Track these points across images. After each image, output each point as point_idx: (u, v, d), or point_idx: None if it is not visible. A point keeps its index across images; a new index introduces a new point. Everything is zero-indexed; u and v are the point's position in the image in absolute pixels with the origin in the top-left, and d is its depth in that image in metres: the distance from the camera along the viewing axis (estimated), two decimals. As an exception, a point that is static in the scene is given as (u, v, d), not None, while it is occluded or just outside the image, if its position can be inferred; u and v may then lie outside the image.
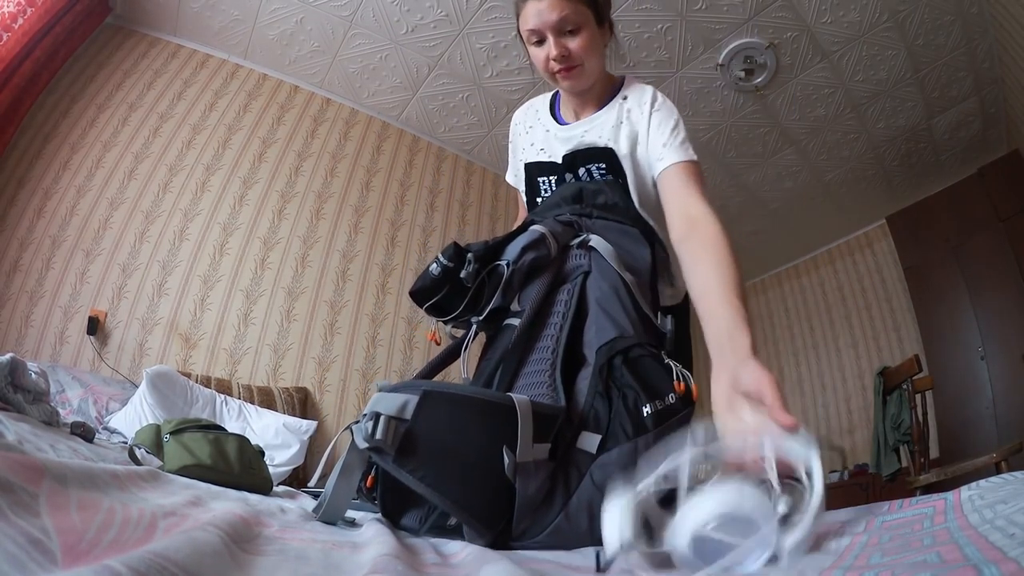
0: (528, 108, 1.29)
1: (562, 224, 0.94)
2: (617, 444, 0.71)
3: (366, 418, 0.64)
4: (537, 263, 0.88)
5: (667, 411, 0.74)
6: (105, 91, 2.73)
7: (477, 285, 0.86)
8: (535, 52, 1.05)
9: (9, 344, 2.17)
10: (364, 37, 2.92)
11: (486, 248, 0.89)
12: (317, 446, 2.45)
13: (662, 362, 0.80)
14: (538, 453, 0.68)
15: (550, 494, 0.69)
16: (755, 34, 2.75)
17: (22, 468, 0.36)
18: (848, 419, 3.85)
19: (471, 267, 0.84)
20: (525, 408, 0.67)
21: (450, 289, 0.87)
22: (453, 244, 0.86)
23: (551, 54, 1.01)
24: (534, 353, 0.83)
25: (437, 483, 0.63)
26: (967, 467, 1.95)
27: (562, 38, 1.01)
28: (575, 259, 0.91)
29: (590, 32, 1.02)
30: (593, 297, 0.86)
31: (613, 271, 0.88)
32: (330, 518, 0.70)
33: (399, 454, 0.62)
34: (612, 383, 0.76)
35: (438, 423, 0.65)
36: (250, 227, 2.81)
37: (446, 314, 0.89)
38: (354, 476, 0.70)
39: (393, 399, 0.65)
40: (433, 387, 0.67)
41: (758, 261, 4.67)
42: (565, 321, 0.84)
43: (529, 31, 1.03)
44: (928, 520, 0.46)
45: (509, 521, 0.66)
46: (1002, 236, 2.97)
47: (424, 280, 0.87)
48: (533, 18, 1.00)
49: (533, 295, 0.86)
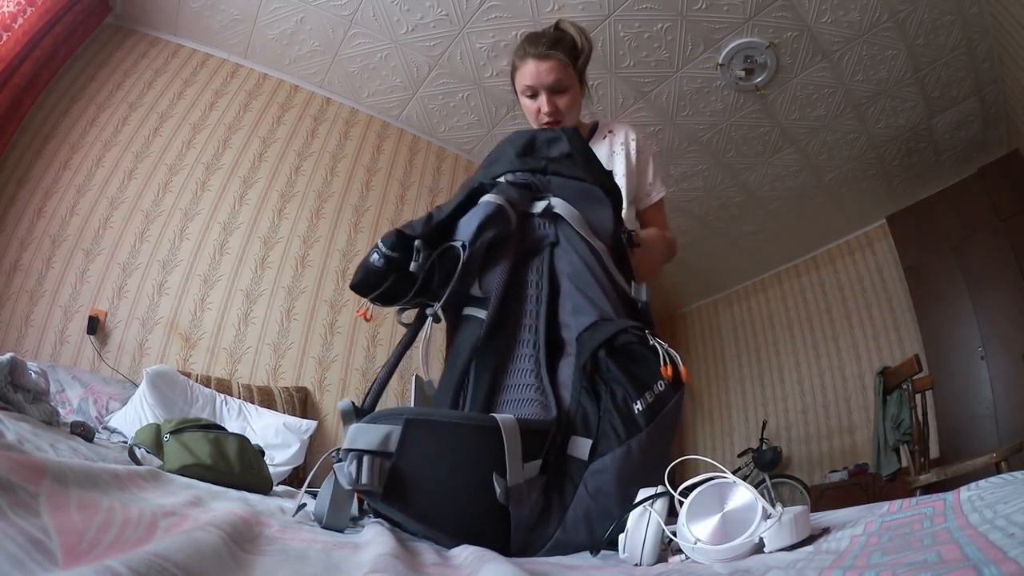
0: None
1: (517, 187, 0.86)
2: (609, 447, 0.69)
3: (349, 458, 0.60)
4: (497, 240, 0.79)
5: (657, 402, 0.71)
6: (105, 91, 2.73)
7: (428, 268, 0.78)
8: (527, 103, 1.25)
9: (9, 344, 2.17)
10: (364, 37, 2.92)
11: (432, 229, 0.79)
12: (317, 446, 2.45)
13: (648, 345, 0.75)
14: (529, 472, 0.65)
15: (545, 511, 0.67)
16: (755, 34, 2.74)
17: (22, 468, 0.36)
18: (848, 419, 3.85)
19: (419, 256, 0.76)
20: (511, 430, 0.64)
21: (396, 276, 0.78)
22: (395, 232, 0.77)
23: (544, 109, 1.21)
24: (514, 349, 0.78)
25: (428, 518, 0.61)
26: (967, 467, 1.95)
27: (553, 96, 1.21)
28: (539, 229, 0.84)
29: (574, 92, 1.23)
30: (564, 272, 0.81)
31: (582, 240, 0.82)
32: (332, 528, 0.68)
33: (387, 492, 0.59)
34: (598, 377, 0.72)
35: (424, 454, 0.62)
36: (250, 226, 2.81)
37: (394, 302, 0.80)
38: (345, 508, 0.66)
39: (374, 432, 0.61)
40: (415, 415, 0.63)
41: (758, 261, 4.67)
42: (539, 306, 0.79)
43: (526, 86, 1.22)
44: (928, 520, 0.46)
45: (507, 541, 0.64)
46: (1002, 236, 2.97)
47: (365, 272, 0.78)
48: (532, 77, 1.20)
49: (497, 279, 0.79)
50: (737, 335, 4.88)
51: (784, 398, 4.33)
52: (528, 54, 1.20)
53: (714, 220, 4.16)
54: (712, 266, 4.74)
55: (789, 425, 4.22)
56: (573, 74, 1.22)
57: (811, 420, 4.08)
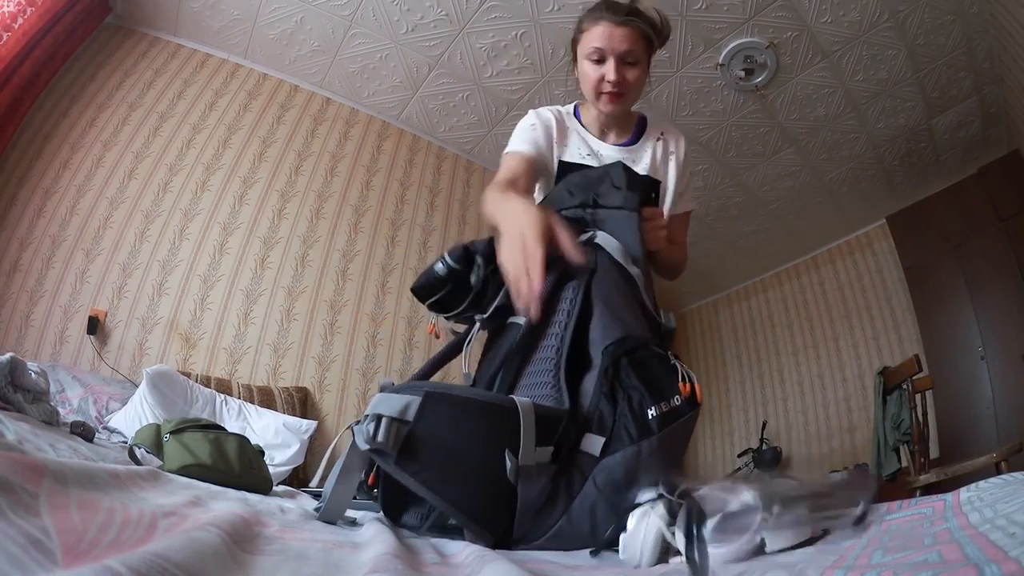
0: (555, 111, 1.25)
1: (568, 220, 0.94)
2: (621, 447, 0.71)
3: (368, 419, 0.64)
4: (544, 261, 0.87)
5: (672, 413, 0.74)
6: (105, 91, 2.73)
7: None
8: (590, 69, 1.11)
9: (9, 344, 2.17)
10: (364, 37, 2.92)
11: (492, 248, 0.88)
12: (317, 446, 2.45)
13: (668, 362, 0.79)
14: (540, 456, 0.67)
15: (552, 498, 0.69)
16: (755, 34, 2.74)
17: (22, 468, 0.36)
18: (848, 419, 3.85)
19: (480, 272, 0.85)
20: (528, 411, 0.67)
21: (453, 287, 0.87)
22: (462, 247, 0.87)
23: (609, 77, 1.08)
24: (538, 352, 0.83)
25: (438, 486, 0.63)
26: (967, 467, 1.95)
27: (623, 67, 1.09)
28: None
29: (644, 69, 1.12)
30: (599, 296, 0.86)
31: (619, 268, 0.88)
32: (330, 518, 0.70)
33: (401, 456, 0.63)
34: (618, 384, 0.76)
35: (440, 425, 0.65)
36: (250, 226, 2.81)
37: (448, 310, 0.89)
38: (354, 477, 0.70)
39: (395, 400, 0.65)
40: (435, 388, 0.66)
41: (758, 261, 4.67)
42: (570, 320, 0.83)
43: (594, 48, 1.09)
44: (928, 520, 0.46)
45: (511, 523, 0.66)
46: (1002, 236, 2.97)
47: (428, 278, 0.88)
48: (603, 39, 1.08)
49: None
50: (737, 335, 4.88)
51: (784, 398, 4.33)
52: (603, 18, 1.09)
53: (714, 220, 4.16)
54: (712, 266, 4.74)
55: (789, 425, 4.21)
56: (646, 52, 1.12)
57: (811, 420, 4.08)
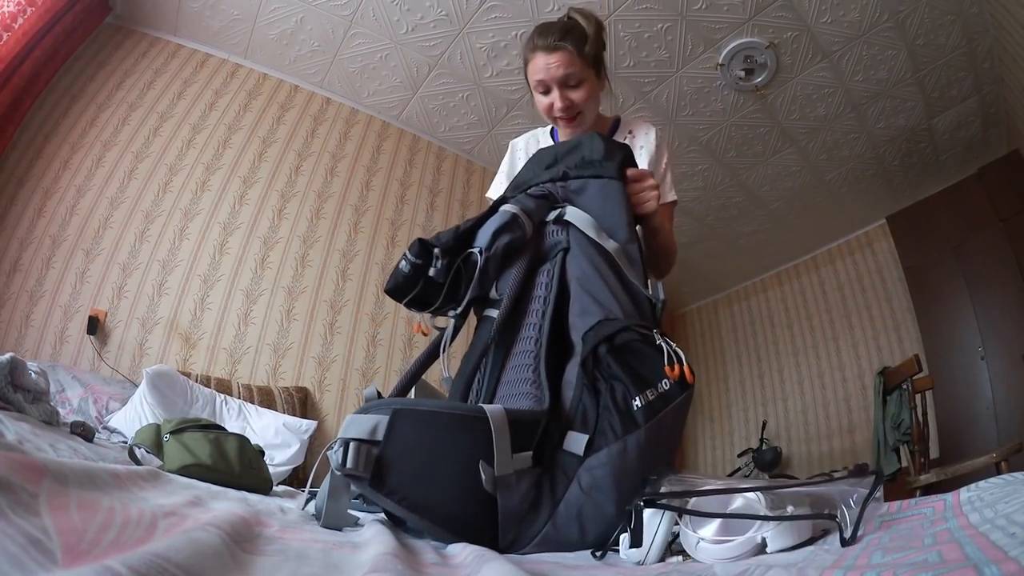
0: (530, 137, 1.35)
1: (535, 199, 0.90)
2: (606, 443, 0.68)
3: (338, 443, 0.63)
4: (512, 246, 0.85)
5: (660, 400, 0.71)
6: (105, 91, 2.73)
7: (454, 275, 0.83)
8: (540, 99, 1.16)
9: (9, 344, 2.17)
10: (364, 37, 2.92)
11: (455, 238, 0.85)
12: (317, 446, 2.45)
13: (653, 343, 0.74)
14: (519, 463, 0.65)
15: (535, 504, 0.67)
16: (755, 34, 2.74)
17: (22, 468, 0.36)
18: (848, 419, 3.85)
19: (439, 263, 0.82)
20: (500, 420, 0.64)
21: (426, 282, 0.84)
22: (418, 241, 0.83)
23: (556, 105, 1.13)
24: (517, 345, 0.80)
25: (414, 504, 0.62)
26: (967, 467, 1.94)
27: (566, 91, 1.12)
28: (552, 236, 0.88)
29: (590, 85, 1.14)
30: (574, 276, 0.83)
31: (592, 244, 0.84)
32: (331, 526, 0.69)
33: (374, 478, 0.61)
34: (599, 375, 0.72)
35: (411, 443, 0.63)
36: (250, 226, 2.81)
37: (428, 306, 0.86)
38: (342, 496, 0.68)
39: (363, 421, 0.63)
40: (403, 405, 0.65)
41: (758, 261, 4.67)
42: (547, 307, 0.81)
43: (537, 81, 1.13)
44: (928, 520, 0.46)
45: (496, 532, 0.64)
46: (1002, 236, 2.97)
47: (396, 278, 0.84)
48: (542, 71, 1.12)
49: (511, 282, 0.83)
50: (737, 335, 4.88)
51: (784, 398, 4.33)
52: (537, 47, 1.12)
53: (714, 220, 4.16)
54: (712, 266, 4.73)
55: (789, 425, 4.21)
56: (588, 68, 1.13)
57: (811, 420, 4.08)
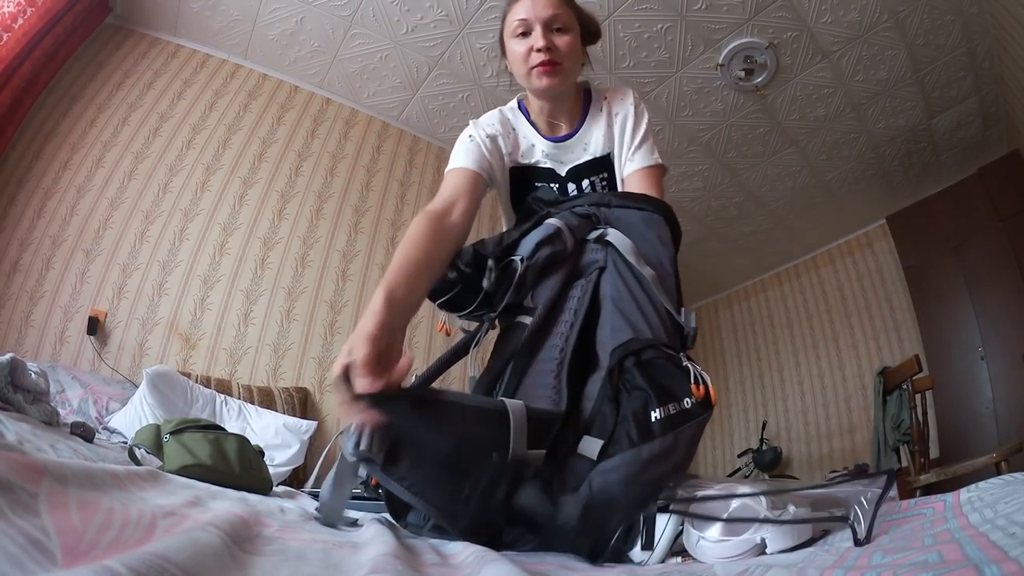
0: (497, 114, 1.20)
1: (579, 217, 0.92)
2: (620, 450, 0.68)
3: (355, 426, 0.63)
4: (552, 259, 0.86)
5: (680, 415, 0.71)
6: (105, 91, 2.72)
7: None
8: (516, 46, 1.04)
9: (9, 344, 2.17)
10: (364, 37, 2.92)
11: (502, 249, 0.87)
12: (317, 446, 2.45)
13: (679, 364, 0.76)
14: (532, 460, 0.66)
15: (543, 502, 0.67)
16: (755, 34, 2.74)
17: (22, 468, 0.36)
18: (848, 419, 3.85)
19: (492, 275, 0.83)
20: (519, 414, 0.65)
21: (463, 287, 0.86)
22: (472, 249, 0.85)
23: (537, 44, 1.01)
24: (543, 352, 0.81)
25: (424, 492, 0.62)
26: (967, 467, 1.94)
27: (550, 34, 1.02)
28: (591, 254, 0.89)
29: (575, 37, 1.04)
30: (608, 295, 0.84)
31: (630, 267, 0.86)
32: (329, 523, 0.70)
33: (387, 463, 0.62)
34: (622, 386, 0.73)
35: (426, 431, 0.64)
36: (250, 227, 2.81)
37: (459, 309, 0.88)
38: (347, 485, 0.68)
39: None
40: (423, 394, 0.66)
41: (758, 261, 4.67)
42: (576, 319, 0.82)
43: (519, 21, 1.03)
44: (928, 520, 0.46)
45: (500, 530, 0.65)
46: (1002, 236, 2.97)
47: (439, 282, 0.86)
48: (526, 9, 1.02)
49: (546, 292, 0.84)
50: (737, 335, 4.88)
51: (784, 398, 4.33)
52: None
53: (714, 220, 4.16)
54: (712, 266, 4.74)
55: (789, 425, 4.21)
56: (575, 21, 1.05)
57: (811, 420, 4.08)
